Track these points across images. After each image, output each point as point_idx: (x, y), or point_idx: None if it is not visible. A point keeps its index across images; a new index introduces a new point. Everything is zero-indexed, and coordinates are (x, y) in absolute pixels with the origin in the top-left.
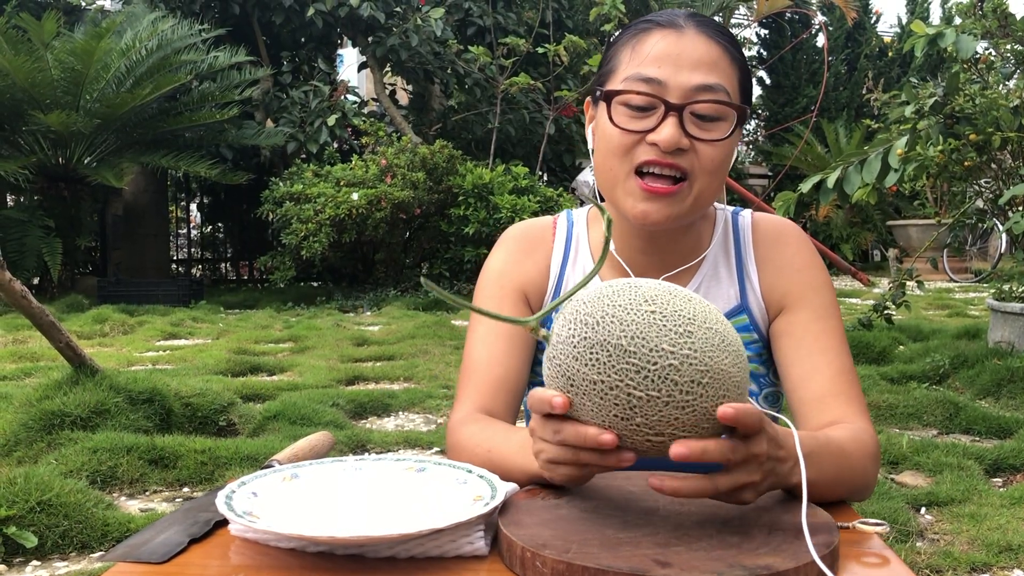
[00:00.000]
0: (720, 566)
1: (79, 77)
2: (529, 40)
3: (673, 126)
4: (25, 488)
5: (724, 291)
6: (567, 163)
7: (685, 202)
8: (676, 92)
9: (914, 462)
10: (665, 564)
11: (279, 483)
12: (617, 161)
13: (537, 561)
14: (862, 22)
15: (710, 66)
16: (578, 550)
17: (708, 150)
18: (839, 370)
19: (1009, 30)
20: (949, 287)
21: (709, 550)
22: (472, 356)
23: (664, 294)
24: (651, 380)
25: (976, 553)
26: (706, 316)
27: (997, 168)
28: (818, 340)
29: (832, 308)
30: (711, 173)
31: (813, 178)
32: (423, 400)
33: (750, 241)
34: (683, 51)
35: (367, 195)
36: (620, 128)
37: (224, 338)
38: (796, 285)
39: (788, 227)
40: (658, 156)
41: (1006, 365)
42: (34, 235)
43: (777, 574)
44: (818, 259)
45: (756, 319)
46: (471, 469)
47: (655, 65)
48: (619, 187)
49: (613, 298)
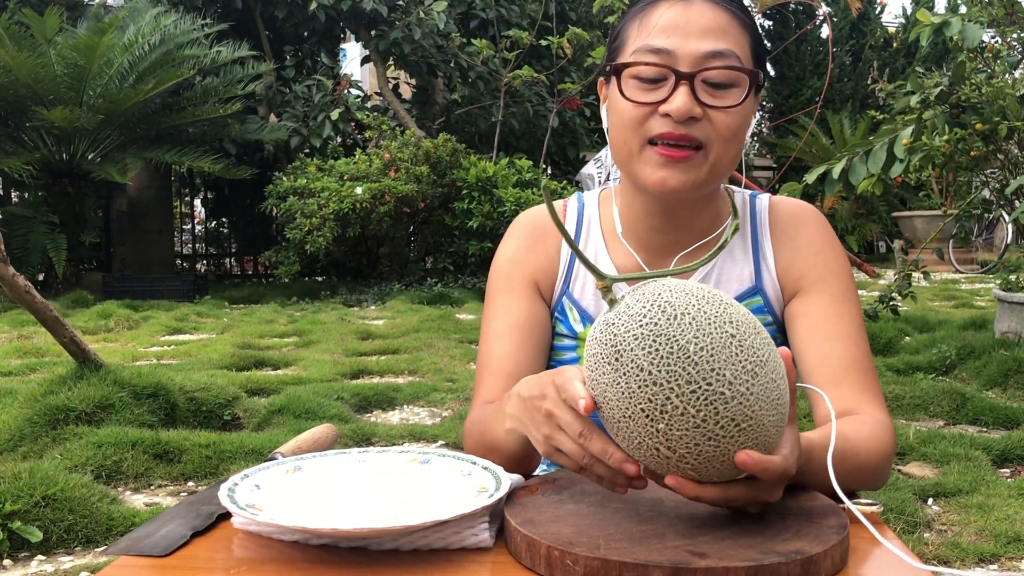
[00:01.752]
0: (755, 553)
1: (82, 73)
2: (532, 33)
3: (685, 95)
4: (30, 483)
5: (738, 271)
6: (571, 156)
7: (702, 169)
8: (685, 61)
9: (921, 453)
10: (702, 555)
11: (282, 476)
12: (631, 134)
13: (567, 559)
14: (867, 12)
15: (719, 32)
16: (608, 545)
17: (722, 117)
18: (856, 356)
19: (1016, 18)
20: (955, 278)
21: (736, 538)
22: (484, 352)
23: (749, 324)
24: (696, 397)
25: (984, 544)
26: (775, 367)
27: (1003, 158)
28: (835, 325)
29: (850, 293)
30: (727, 140)
31: (818, 169)
32: (428, 393)
33: (767, 222)
34: (690, 19)
35: (371, 189)
36: (632, 101)
37: (229, 333)
38: (814, 268)
39: (807, 210)
40: (671, 127)
41: (1013, 356)
42: (39, 231)
43: (809, 558)
44: (837, 243)
45: (771, 301)
46: (475, 461)
47: (663, 35)
48: (634, 159)
49: (700, 302)
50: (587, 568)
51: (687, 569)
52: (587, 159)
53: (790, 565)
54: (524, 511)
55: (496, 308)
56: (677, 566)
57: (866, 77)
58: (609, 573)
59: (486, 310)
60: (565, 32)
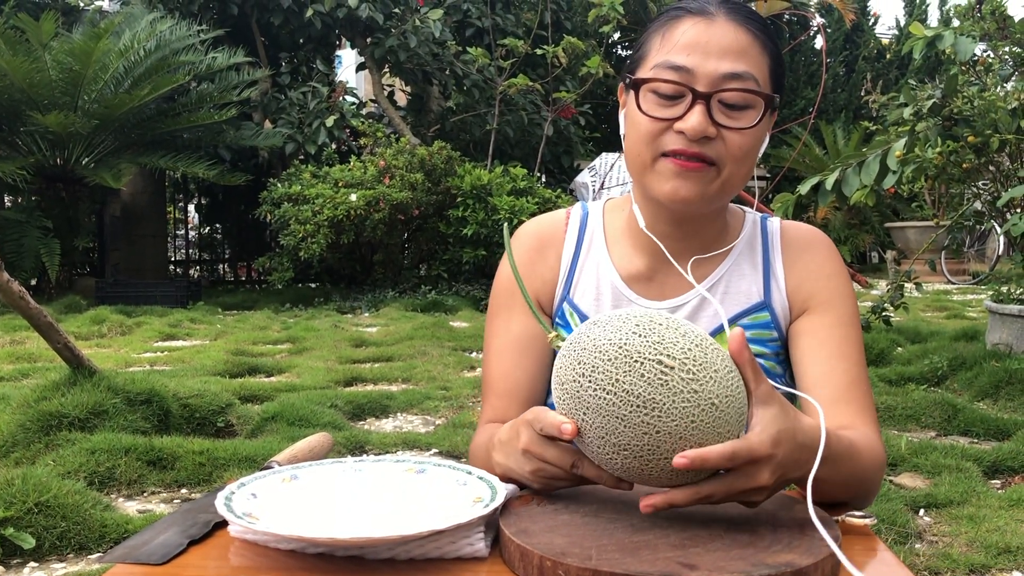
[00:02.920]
0: (745, 565)
1: (77, 78)
2: (528, 41)
3: (700, 114)
4: (23, 489)
5: (746, 287)
6: (565, 164)
7: (713, 184)
8: (704, 80)
9: (912, 463)
10: (691, 567)
11: (278, 484)
12: (645, 147)
13: (560, 570)
14: (860, 24)
15: (739, 54)
16: (599, 556)
17: (736, 138)
18: (855, 379)
19: (1008, 32)
20: (947, 289)
21: (727, 550)
22: (486, 372)
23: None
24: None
25: (975, 555)
26: (718, 362)
27: (995, 170)
28: (839, 346)
29: (855, 319)
30: (738, 161)
31: (811, 180)
32: (421, 401)
33: (778, 243)
34: (712, 39)
35: (365, 196)
36: (648, 116)
37: (222, 339)
38: (824, 290)
39: (820, 234)
40: (685, 145)
41: (1004, 367)
42: (32, 236)
43: (799, 571)
44: (845, 271)
45: (778, 317)
46: (471, 471)
47: (684, 53)
48: (648, 171)
49: (663, 331)
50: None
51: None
52: (582, 168)
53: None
54: (519, 520)
55: (496, 326)
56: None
57: (859, 88)
58: None
59: (487, 328)
60: (560, 41)
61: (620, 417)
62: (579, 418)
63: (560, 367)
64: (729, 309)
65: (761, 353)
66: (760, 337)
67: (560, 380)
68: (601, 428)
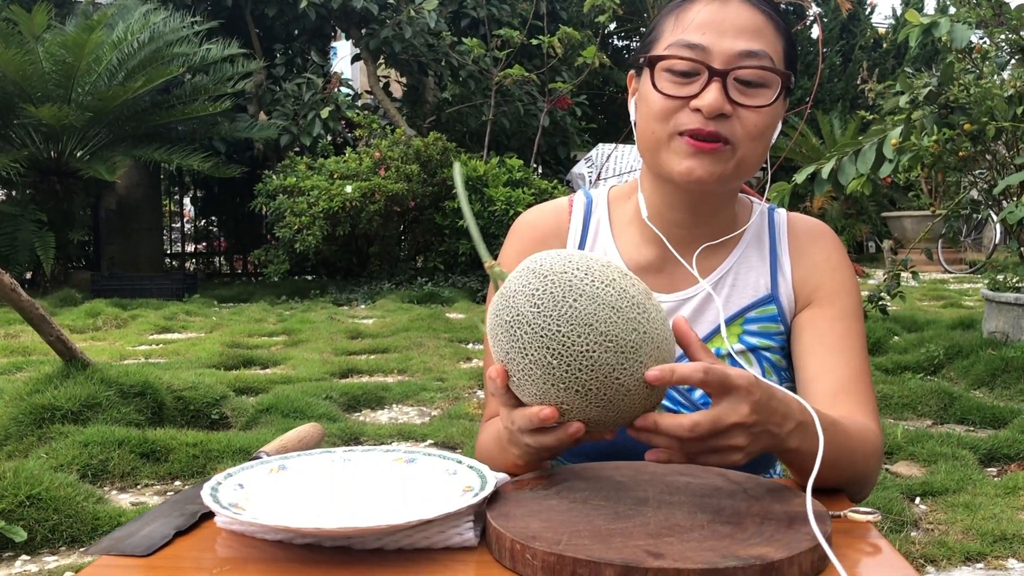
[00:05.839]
0: (713, 556)
1: (70, 70)
2: (523, 32)
3: (717, 91)
4: (15, 482)
5: (754, 278)
6: (561, 155)
7: (729, 163)
8: (720, 58)
9: (909, 452)
10: (657, 555)
11: (266, 475)
12: (659, 125)
13: (527, 554)
14: (856, 13)
15: (754, 32)
16: (569, 542)
17: (751, 116)
18: (857, 371)
19: (1004, 19)
20: (944, 278)
21: (701, 540)
22: (486, 366)
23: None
24: (588, 333)
25: (970, 543)
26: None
27: (991, 158)
28: (841, 339)
29: (858, 312)
30: (754, 139)
31: (808, 169)
32: (417, 393)
33: (785, 235)
34: (727, 18)
35: (361, 188)
36: (663, 94)
37: (217, 332)
38: (829, 282)
39: (826, 228)
40: (700, 123)
41: (1000, 355)
42: (26, 229)
43: (770, 564)
44: (850, 265)
45: (784, 310)
46: (461, 460)
47: (699, 31)
48: (662, 149)
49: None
50: (544, 563)
51: (638, 569)
52: (578, 158)
53: (747, 570)
54: (504, 505)
55: None
56: (628, 565)
57: (856, 77)
58: (564, 569)
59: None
60: (556, 31)
61: None
62: (515, 356)
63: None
64: (737, 302)
65: (767, 347)
66: (767, 331)
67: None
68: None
